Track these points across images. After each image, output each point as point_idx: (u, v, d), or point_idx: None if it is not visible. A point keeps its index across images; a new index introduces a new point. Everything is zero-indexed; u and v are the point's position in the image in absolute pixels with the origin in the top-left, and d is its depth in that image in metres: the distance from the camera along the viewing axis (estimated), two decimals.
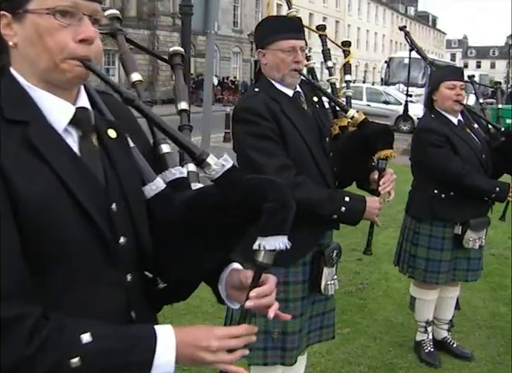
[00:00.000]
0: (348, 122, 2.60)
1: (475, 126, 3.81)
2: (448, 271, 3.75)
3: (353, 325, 4.49)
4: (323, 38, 3.01)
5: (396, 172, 2.60)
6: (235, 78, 40.41)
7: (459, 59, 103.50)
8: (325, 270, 2.58)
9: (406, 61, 4.52)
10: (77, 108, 1.24)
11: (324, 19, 56.69)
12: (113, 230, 1.22)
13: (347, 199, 2.48)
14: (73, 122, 1.22)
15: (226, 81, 38.68)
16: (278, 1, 43.46)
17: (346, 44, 3.06)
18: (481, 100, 4.20)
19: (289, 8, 2.91)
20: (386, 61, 29.63)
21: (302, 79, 2.58)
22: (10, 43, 1.19)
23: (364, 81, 47.89)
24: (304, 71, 3.05)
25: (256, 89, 2.56)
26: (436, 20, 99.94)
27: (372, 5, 70.25)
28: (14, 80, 1.20)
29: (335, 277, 2.67)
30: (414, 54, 4.27)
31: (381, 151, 2.45)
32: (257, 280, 1.28)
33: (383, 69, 30.96)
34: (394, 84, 25.50)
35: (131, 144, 1.34)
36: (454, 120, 3.68)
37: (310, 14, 54.52)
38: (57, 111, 1.20)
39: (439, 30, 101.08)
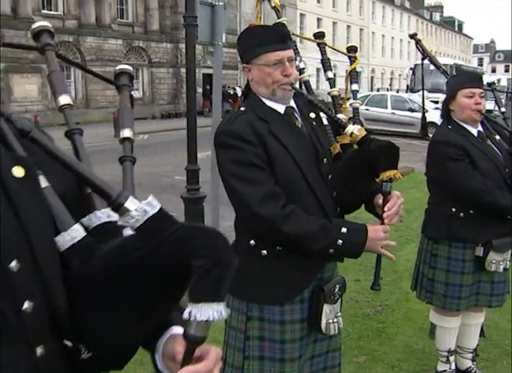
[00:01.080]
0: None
1: (497, 137, 3.49)
2: (470, 296, 3.43)
3: (370, 353, 4.18)
4: (321, 47, 2.72)
5: (421, 183, 2.31)
6: None
7: (487, 63, 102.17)
8: (326, 308, 2.28)
9: (432, 67, 4.18)
10: None
11: (348, 27, 56.44)
12: (13, 295, 0.96)
13: (344, 230, 2.19)
14: None
15: None
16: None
17: (352, 50, 2.76)
18: (503, 109, 3.86)
19: (278, 18, 2.64)
20: (411, 68, 29.14)
21: (297, 92, 2.31)
22: None
23: (390, 89, 47.45)
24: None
25: (242, 109, 2.30)
26: (462, 25, 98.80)
27: (396, 11, 69.66)
28: None
29: (339, 314, 2.37)
30: (441, 61, 3.98)
31: (384, 172, 2.16)
32: (190, 357, 1.01)
33: (408, 76, 30.51)
34: (419, 91, 25.04)
35: (44, 184, 1.08)
36: (474, 131, 3.37)
37: (334, 23, 54.26)
38: None
39: (465, 35, 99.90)
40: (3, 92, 26.15)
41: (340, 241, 2.17)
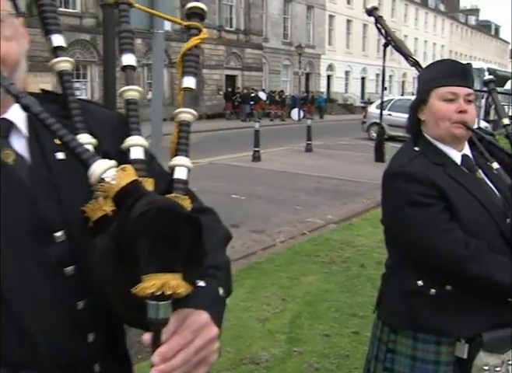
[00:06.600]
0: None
1: (495, 165, 2.17)
2: None
3: None
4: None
5: None
6: (282, 91, 39.43)
7: None
8: None
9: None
10: None
11: (379, 29, 54.76)
12: None
13: None
14: None
15: (272, 94, 37.89)
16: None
17: (195, 14, 1.34)
18: (506, 120, 2.45)
19: None
20: None
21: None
22: None
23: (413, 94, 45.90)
24: None
25: None
26: (498, 29, 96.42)
27: (430, 14, 67.80)
28: None
29: None
30: (474, 65, 2.70)
31: (146, 279, 0.88)
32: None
33: None
34: None
35: None
36: (456, 157, 2.10)
37: (364, 25, 52.88)
38: None
39: (502, 39, 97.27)
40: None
41: None
